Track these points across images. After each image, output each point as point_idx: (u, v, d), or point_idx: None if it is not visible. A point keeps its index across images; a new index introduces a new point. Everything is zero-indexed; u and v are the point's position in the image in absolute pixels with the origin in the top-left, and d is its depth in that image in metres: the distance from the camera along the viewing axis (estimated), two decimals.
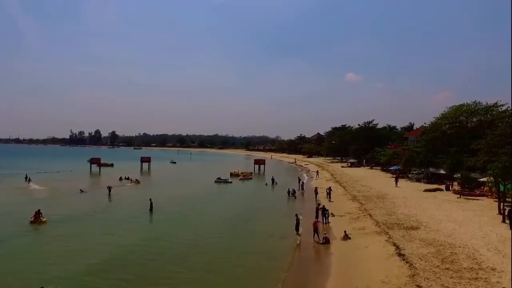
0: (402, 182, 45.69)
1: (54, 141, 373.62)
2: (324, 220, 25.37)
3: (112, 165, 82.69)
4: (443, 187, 38.11)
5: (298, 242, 20.79)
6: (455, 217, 23.44)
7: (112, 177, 56.15)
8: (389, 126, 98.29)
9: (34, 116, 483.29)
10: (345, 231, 20.43)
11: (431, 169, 45.93)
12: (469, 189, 33.93)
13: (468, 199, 31.51)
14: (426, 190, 36.52)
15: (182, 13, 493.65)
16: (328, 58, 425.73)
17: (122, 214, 29.58)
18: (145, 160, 78.23)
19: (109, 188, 38.83)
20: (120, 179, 52.71)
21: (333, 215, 26.98)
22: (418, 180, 46.07)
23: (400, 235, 19.09)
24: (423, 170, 48.19)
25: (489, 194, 31.74)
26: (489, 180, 26.63)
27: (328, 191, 36.40)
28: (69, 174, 64.15)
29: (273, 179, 50.78)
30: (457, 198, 32.00)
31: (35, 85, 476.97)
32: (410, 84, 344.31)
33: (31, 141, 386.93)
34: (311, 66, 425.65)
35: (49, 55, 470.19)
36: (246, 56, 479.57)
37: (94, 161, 70.75)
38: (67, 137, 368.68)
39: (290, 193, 38.47)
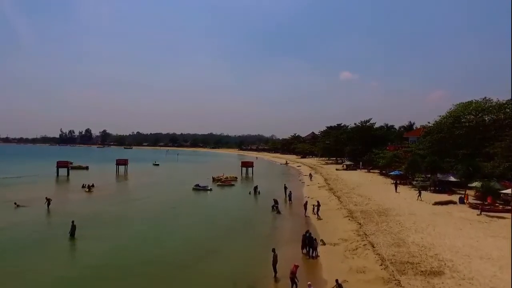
0: (405, 190, 39.71)
1: (44, 140, 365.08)
2: (310, 252, 18.96)
3: (87, 168, 76.21)
4: (455, 198, 32.06)
5: None
6: (487, 251, 17.51)
7: (77, 183, 49.69)
8: (387, 125, 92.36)
9: (25, 115, 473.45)
10: (336, 281, 13.88)
11: (438, 176, 39.78)
12: (495, 202, 28.04)
13: (490, 216, 25.60)
14: (436, 204, 30.43)
15: (177, 11, 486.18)
16: (324, 57, 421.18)
17: (38, 239, 22.59)
18: (121, 163, 71.17)
19: (48, 201, 31.99)
20: (83, 186, 46.00)
21: (323, 243, 20.70)
22: (424, 188, 38.75)
23: None
24: (428, 176, 42.02)
25: None
26: None
27: (317, 206, 29.44)
28: (32, 179, 57.11)
29: (255, 188, 43.49)
30: (477, 215, 25.99)
31: (27, 84, 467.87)
32: (406, 83, 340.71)
33: (20, 140, 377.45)
34: (306, 65, 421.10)
35: (41, 54, 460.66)
36: (242, 55, 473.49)
37: (62, 164, 63.41)
38: (58, 136, 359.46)
39: (274, 207, 32.13)
